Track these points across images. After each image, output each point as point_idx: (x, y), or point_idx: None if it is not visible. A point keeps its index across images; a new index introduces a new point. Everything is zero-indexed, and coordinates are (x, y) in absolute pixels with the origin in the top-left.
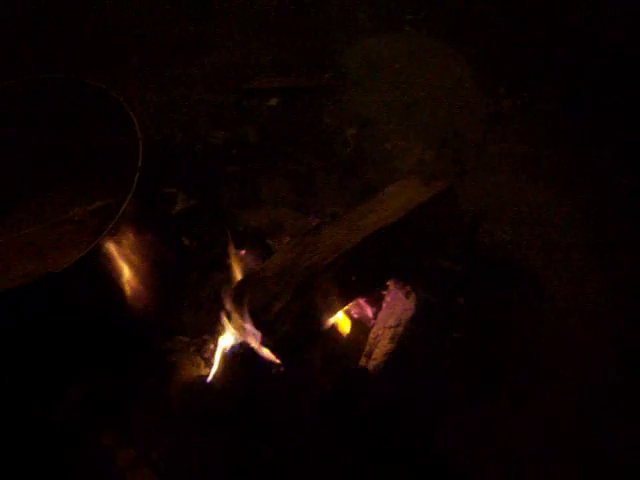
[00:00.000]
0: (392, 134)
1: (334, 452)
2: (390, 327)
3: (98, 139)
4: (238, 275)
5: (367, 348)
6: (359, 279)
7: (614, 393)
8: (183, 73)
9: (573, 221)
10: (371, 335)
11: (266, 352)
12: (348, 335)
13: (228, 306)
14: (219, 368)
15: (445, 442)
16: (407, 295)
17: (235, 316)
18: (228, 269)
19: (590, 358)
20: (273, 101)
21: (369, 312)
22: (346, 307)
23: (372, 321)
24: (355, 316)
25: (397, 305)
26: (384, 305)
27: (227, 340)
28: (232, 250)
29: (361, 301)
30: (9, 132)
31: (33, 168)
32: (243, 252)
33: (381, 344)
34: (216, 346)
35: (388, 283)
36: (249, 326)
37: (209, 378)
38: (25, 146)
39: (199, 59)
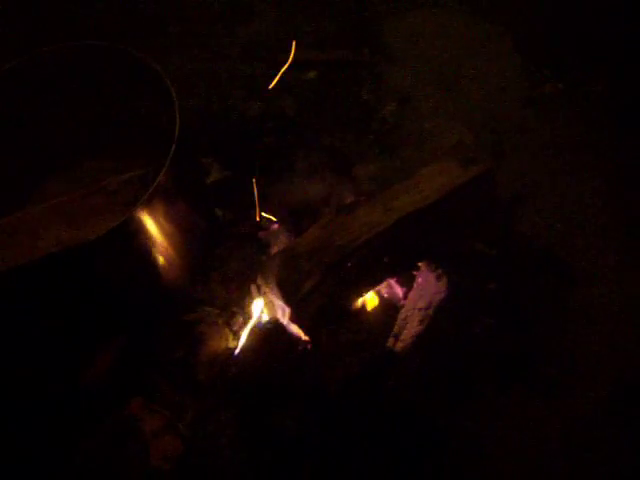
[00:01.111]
0: (431, 113)
1: (357, 430)
2: (420, 309)
3: (135, 108)
4: (270, 250)
5: (395, 329)
6: (391, 260)
7: None
8: (221, 44)
9: (614, 212)
10: (400, 316)
11: (294, 328)
12: (377, 315)
13: (259, 280)
14: (247, 341)
15: (471, 427)
16: (439, 278)
17: (266, 291)
18: (260, 243)
19: (624, 351)
20: (311, 74)
21: (399, 292)
22: (377, 287)
23: (402, 302)
24: (385, 296)
25: (428, 287)
26: (415, 286)
27: (256, 314)
28: (265, 223)
29: (392, 281)
30: (43, 100)
31: (69, 137)
32: (276, 226)
33: (410, 326)
34: (245, 319)
35: (420, 264)
36: (279, 301)
37: (237, 351)
38: (60, 115)
39: (238, 30)
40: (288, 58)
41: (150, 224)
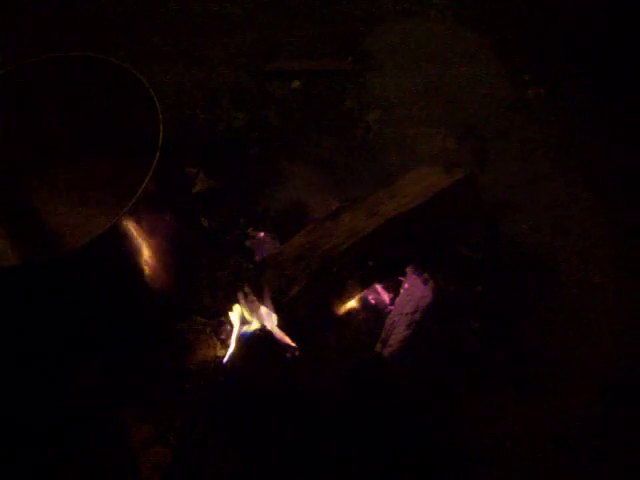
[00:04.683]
0: (414, 120)
1: (349, 437)
2: (407, 314)
3: (119, 118)
4: (257, 258)
5: (383, 334)
6: (377, 265)
7: (632, 389)
8: (206, 53)
9: (597, 215)
10: (387, 321)
11: (282, 335)
12: (364, 321)
13: (246, 288)
14: (235, 350)
15: (459, 428)
16: (425, 282)
17: (252, 298)
18: (246, 251)
19: (611, 351)
20: (295, 83)
21: (386, 298)
22: (363, 292)
23: (389, 307)
24: (372, 302)
25: (415, 292)
26: (401, 291)
27: (244, 322)
28: (251, 232)
29: (378, 287)
30: (27, 111)
31: (52, 146)
32: (262, 234)
33: (397, 331)
34: (233, 327)
35: (406, 269)
36: (266, 308)
37: (225, 359)
38: (42, 125)
39: (222, 40)
40: (273, 68)
41: (135, 233)
